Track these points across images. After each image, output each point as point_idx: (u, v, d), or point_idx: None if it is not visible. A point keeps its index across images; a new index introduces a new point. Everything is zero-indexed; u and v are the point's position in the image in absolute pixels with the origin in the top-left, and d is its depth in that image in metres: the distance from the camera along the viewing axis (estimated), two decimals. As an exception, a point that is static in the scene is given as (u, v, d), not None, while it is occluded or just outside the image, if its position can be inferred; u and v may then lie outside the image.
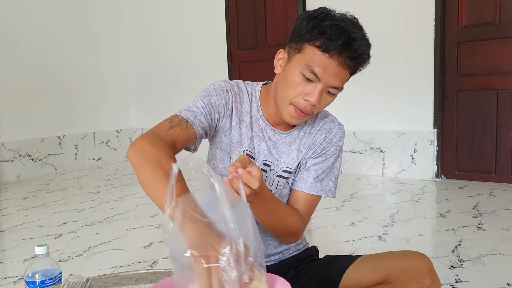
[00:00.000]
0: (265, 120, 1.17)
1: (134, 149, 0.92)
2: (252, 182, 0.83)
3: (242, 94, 1.18)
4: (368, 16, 3.87)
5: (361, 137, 4.12)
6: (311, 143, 1.18)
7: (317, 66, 1.00)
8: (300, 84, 1.03)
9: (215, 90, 1.13)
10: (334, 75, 1.02)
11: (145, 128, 5.87)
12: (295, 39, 1.06)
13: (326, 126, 1.20)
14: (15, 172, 4.61)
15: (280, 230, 1.10)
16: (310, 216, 1.18)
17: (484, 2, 3.49)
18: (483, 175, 3.61)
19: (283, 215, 1.07)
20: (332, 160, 1.19)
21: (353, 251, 2.21)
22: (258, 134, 1.17)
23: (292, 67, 1.05)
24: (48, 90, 4.96)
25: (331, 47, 0.98)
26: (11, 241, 2.58)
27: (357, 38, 0.99)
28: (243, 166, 0.84)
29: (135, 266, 2.12)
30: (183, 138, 1.03)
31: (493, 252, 2.12)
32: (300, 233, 1.15)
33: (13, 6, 4.63)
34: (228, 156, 1.16)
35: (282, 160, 1.17)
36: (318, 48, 1.00)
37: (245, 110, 1.17)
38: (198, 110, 1.09)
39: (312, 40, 1.01)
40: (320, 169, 1.17)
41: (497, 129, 3.52)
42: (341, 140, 1.21)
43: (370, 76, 3.96)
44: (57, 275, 0.96)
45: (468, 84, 3.63)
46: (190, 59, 5.35)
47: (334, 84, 1.03)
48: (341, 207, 3.03)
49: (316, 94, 1.02)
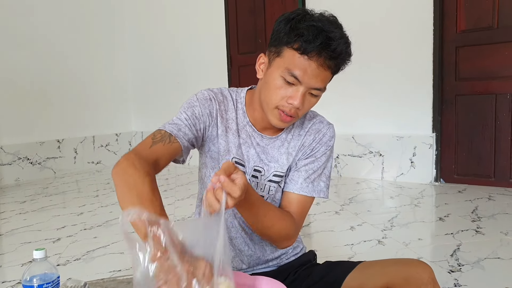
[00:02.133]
0: (252, 126, 1.17)
1: (116, 170, 0.93)
2: (234, 190, 0.82)
3: (226, 101, 1.17)
4: (367, 21, 3.91)
5: (360, 141, 4.12)
6: (300, 145, 1.18)
7: (297, 69, 1.00)
8: (282, 88, 1.03)
9: (198, 100, 1.12)
10: (314, 76, 1.01)
11: (144, 132, 5.87)
12: (274, 42, 1.05)
13: (315, 127, 1.19)
14: (14, 175, 4.60)
15: (271, 234, 1.08)
16: (303, 218, 1.17)
17: (482, 7, 3.51)
18: (482, 179, 3.61)
19: (274, 219, 1.06)
20: (323, 160, 1.18)
21: (352, 255, 2.21)
22: (246, 141, 1.16)
23: (273, 71, 1.04)
24: (47, 93, 4.97)
25: (309, 49, 0.97)
26: (9, 245, 2.58)
27: (335, 37, 0.98)
28: (228, 174, 0.84)
29: (134, 270, 2.11)
30: (167, 153, 1.03)
31: (492, 256, 2.12)
32: (293, 237, 1.14)
33: (14, 10, 4.64)
34: (218, 165, 1.15)
35: (272, 165, 1.17)
36: (296, 50, 0.99)
37: (231, 117, 1.16)
38: (182, 123, 1.08)
39: (290, 43, 1.00)
40: (311, 169, 1.16)
41: (496, 133, 3.53)
42: (331, 140, 1.20)
43: (369, 80, 4.00)
44: (55, 279, 0.96)
45: (467, 89, 3.64)
46: (190, 62, 5.36)
47: (316, 86, 1.02)
48: (340, 211, 3.03)
49: (298, 97, 1.02)
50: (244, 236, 1.18)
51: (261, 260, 1.21)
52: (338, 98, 4.12)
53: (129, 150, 1.06)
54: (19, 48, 4.69)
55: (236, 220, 1.17)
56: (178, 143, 1.04)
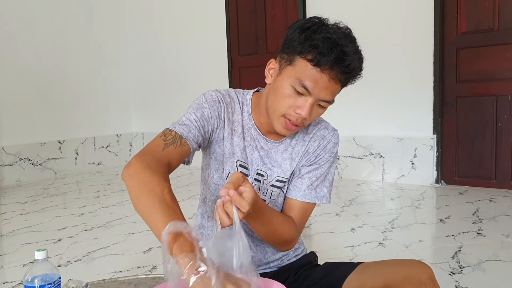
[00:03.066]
0: (257, 129, 1.16)
1: (129, 172, 0.93)
2: (242, 205, 0.82)
3: (233, 103, 1.16)
4: (368, 23, 3.91)
5: (361, 142, 4.12)
6: (304, 151, 1.18)
7: (308, 80, 0.99)
8: (291, 97, 1.02)
9: (207, 102, 1.11)
10: (325, 89, 1.00)
11: (145, 133, 5.88)
12: (286, 50, 1.03)
13: (320, 133, 1.19)
14: (15, 176, 4.61)
15: (274, 238, 1.10)
16: (304, 223, 1.18)
17: (483, 9, 3.51)
18: (483, 181, 3.61)
19: (277, 225, 1.07)
20: (326, 167, 1.18)
21: (353, 257, 2.21)
22: (251, 144, 1.16)
23: (283, 79, 1.03)
24: (49, 94, 4.97)
25: (323, 62, 0.96)
26: (10, 246, 2.58)
27: (349, 53, 0.97)
28: (236, 187, 0.84)
29: (134, 271, 2.12)
30: (178, 156, 1.02)
31: (493, 258, 2.12)
32: (295, 241, 1.15)
33: (15, 12, 4.65)
34: (222, 167, 1.15)
35: (275, 170, 1.16)
36: (309, 62, 0.98)
37: (237, 120, 1.15)
38: (192, 124, 1.07)
39: (304, 53, 0.98)
40: (314, 176, 1.16)
41: (497, 135, 3.53)
42: (335, 147, 1.20)
43: (370, 82, 3.99)
44: (57, 280, 0.96)
45: (468, 90, 3.64)
46: (191, 64, 5.37)
47: (325, 98, 1.02)
48: (341, 212, 3.03)
49: (307, 108, 1.01)
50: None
51: (262, 261, 1.21)
52: (339, 100, 4.11)
53: (130, 151, 1.07)
54: (20, 49, 4.70)
55: None
56: (188, 145, 1.04)
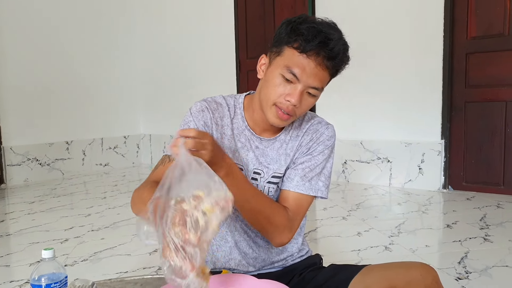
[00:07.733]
0: (250, 130, 1.19)
1: (131, 201, 1.06)
2: (186, 132, 0.85)
3: (221, 108, 1.19)
4: (378, 27, 3.91)
5: (368, 146, 4.11)
6: (298, 145, 1.19)
7: (295, 67, 1.04)
8: (281, 85, 1.06)
9: (192, 115, 1.16)
10: (312, 75, 1.04)
11: (153, 135, 5.90)
12: (275, 43, 1.10)
13: (313, 127, 1.21)
14: (22, 176, 4.64)
15: (262, 220, 1.08)
16: (299, 217, 1.15)
17: (493, 14, 3.49)
18: (491, 186, 3.58)
19: (264, 204, 1.06)
20: (321, 159, 1.18)
21: (359, 261, 2.20)
22: (245, 145, 1.18)
23: (273, 70, 1.09)
24: (57, 95, 5.01)
25: (308, 48, 1.02)
26: (18, 245, 2.60)
27: (333, 38, 1.03)
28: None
29: (140, 272, 2.12)
30: None
31: (500, 264, 2.10)
32: (286, 230, 1.11)
33: (24, 11, 4.69)
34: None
35: (271, 167, 1.18)
36: (296, 49, 1.04)
37: (226, 124, 1.18)
38: None
39: (290, 42, 1.05)
40: (307, 167, 1.16)
41: (506, 140, 3.50)
42: (330, 140, 1.20)
43: (378, 86, 3.99)
44: (63, 279, 0.96)
45: (477, 95, 3.62)
46: (199, 66, 5.38)
47: (314, 84, 1.06)
48: (348, 216, 3.02)
49: (296, 95, 1.05)
50: (247, 239, 1.19)
51: (267, 262, 1.22)
52: (347, 104, 4.12)
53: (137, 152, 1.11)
54: (28, 50, 4.75)
55: (238, 223, 1.18)
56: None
